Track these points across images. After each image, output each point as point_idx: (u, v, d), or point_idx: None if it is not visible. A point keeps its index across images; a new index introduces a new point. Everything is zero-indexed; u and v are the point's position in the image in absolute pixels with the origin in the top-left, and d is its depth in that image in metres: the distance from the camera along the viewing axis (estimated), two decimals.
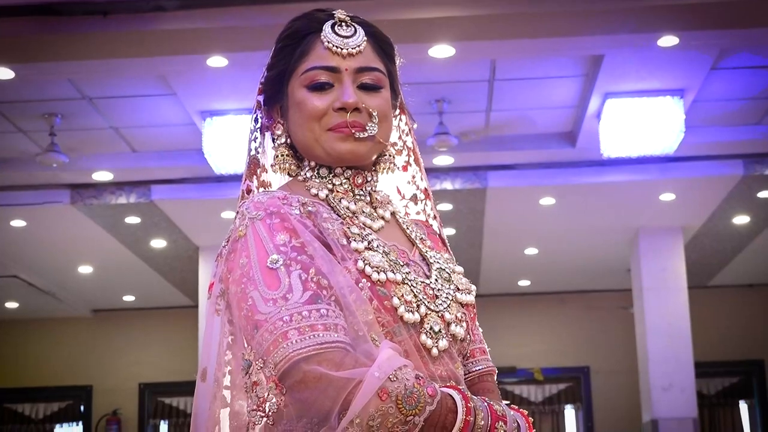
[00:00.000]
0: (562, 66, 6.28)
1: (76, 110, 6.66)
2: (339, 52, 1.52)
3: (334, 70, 1.51)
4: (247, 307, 1.36)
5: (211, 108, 6.61)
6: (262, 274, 1.36)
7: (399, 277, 1.45)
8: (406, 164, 1.71)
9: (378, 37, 1.58)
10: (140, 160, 7.52)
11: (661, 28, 5.42)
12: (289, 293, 1.34)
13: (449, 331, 1.49)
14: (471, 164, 7.63)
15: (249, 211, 1.44)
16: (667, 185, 7.90)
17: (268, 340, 1.32)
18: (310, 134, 1.52)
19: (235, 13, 5.22)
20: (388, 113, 1.56)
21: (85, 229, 8.60)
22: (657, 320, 8.83)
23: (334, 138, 1.51)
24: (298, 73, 1.53)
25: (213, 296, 1.47)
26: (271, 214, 1.42)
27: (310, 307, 1.33)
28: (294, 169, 1.58)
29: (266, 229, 1.41)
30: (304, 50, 1.53)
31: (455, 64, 5.90)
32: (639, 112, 6.51)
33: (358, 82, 1.53)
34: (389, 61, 1.59)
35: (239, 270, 1.39)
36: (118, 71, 5.90)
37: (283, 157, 1.57)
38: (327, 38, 1.52)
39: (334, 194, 1.54)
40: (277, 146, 1.58)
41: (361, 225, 1.51)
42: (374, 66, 1.54)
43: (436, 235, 1.70)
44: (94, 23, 5.22)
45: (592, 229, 9.09)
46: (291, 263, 1.37)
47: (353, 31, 1.54)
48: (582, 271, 10.72)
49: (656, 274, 8.92)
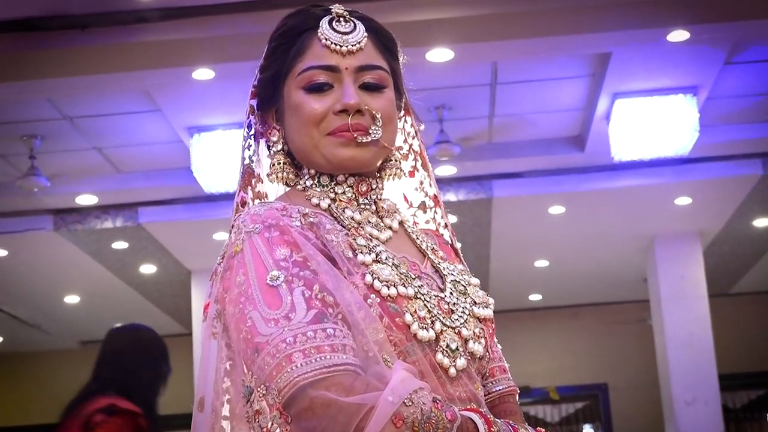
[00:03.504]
0: (567, 66, 6.28)
1: (57, 131, 6.65)
2: (338, 50, 1.50)
3: (333, 70, 1.49)
4: (246, 329, 1.33)
5: (199, 123, 6.59)
6: (261, 293, 1.34)
7: (411, 292, 1.43)
8: (413, 169, 1.69)
9: (379, 32, 1.56)
10: (126, 182, 7.51)
11: (670, 22, 5.41)
12: (291, 312, 1.31)
13: (467, 349, 1.46)
14: (475, 173, 7.63)
15: (245, 224, 1.42)
16: (683, 188, 7.89)
17: (271, 365, 1.30)
18: (308, 140, 1.50)
19: (221, 22, 5.22)
20: (393, 115, 1.54)
21: (69, 256, 8.59)
22: (677, 332, 8.83)
23: (335, 143, 1.49)
24: (294, 74, 1.51)
25: (209, 318, 1.44)
26: (270, 226, 1.40)
27: (315, 327, 1.30)
28: (292, 178, 1.56)
29: (264, 243, 1.38)
30: (300, 49, 1.51)
31: (454, 67, 5.90)
32: (650, 112, 6.50)
33: (360, 82, 1.50)
34: (392, 58, 1.57)
35: (236, 289, 1.37)
36: (99, 88, 5.90)
37: (280, 166, 1.54)
38: (324, 35, 1.50)
39: (336, 204, 1.52)
40: (273, 154, 1.56)
41: (367, 236, 1.49)
42: (376, 64, 1.52)
43: (447, 245, 1.68)
44: (72, 38, 5.21)
45: (605, 238, 9.09)
46: (293, 279, 1.34)
47: (352, 27, 1.52)
48: (596, 282, 10.72)
49: (674, 282, 8.92)
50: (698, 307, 8.83)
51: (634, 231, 8.88)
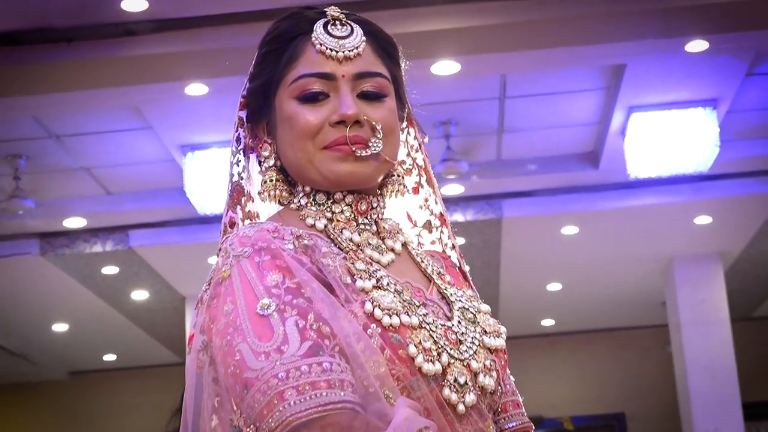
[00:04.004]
0: (580, 78, 6.28)
1: (42, 150, 6.65)
2: (334, 56, 1.47)
3: (328, 78, 1.47)
4: (234, 363, 1.30)
5: (192, 141, 6.59)
6: (251, 323, 1.31)
7: (415, 321, 1.39)
8: (417, 186, 1.66)
9: (379, 36, 1.53)
10: (116, 203, 7.52)
11: (688, 31, 5.42)
12: (284, 344, 1.28)
13: (477, 383, 1.43)
14: (483, 192, 7.64)
15: (233, 247, 1.39)
16: (702, 207, 7.90)
17: (261, 402, 1.26)
18: (302, 154, 1.47)
19: (214, 35, 5.22)
20: (395, 126, 1.51)
21: (57, 282, 8.58)
22: (698, 358, 8.83)
23: (332, 158, 1.46)
24: (287, 83, 1.48)
25: (194, 350, 1.40)
26: (260, 250, 1.37)
27: (310, 361, 1.27)
28: (285, 196, 1.53)
29: (254, 268, 1.35)
30: (293, 55, 1.48)
31: (461, 81, 5.90)
32: (668, 127, 6.51)
33: (358, 91, 1.48)
34: (393, 65, 1.54)
35: (224, 318, 1.34)
36: (87, 104, 5.90)
37: (272, 183, 1.51)
38: (319, 40, 1.48)
39: (333, 224, 1.49)
40: (265, 170, 1.53)
41: (367, 259, 1.45)
42: (376, 71, 1.49)
43: (455, 269, 1.65)
44: (57, 52, 5.22)
45: (621, 260, 9.10)
46: (285, 308, 1.31)
47: (349, 31, 1.49)
48: (611, 306, 10.73)
49: (694, 306, 8.92)
50: (720, 332, 8.84)
51: (651, 252, 8.89)
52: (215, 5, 5.12)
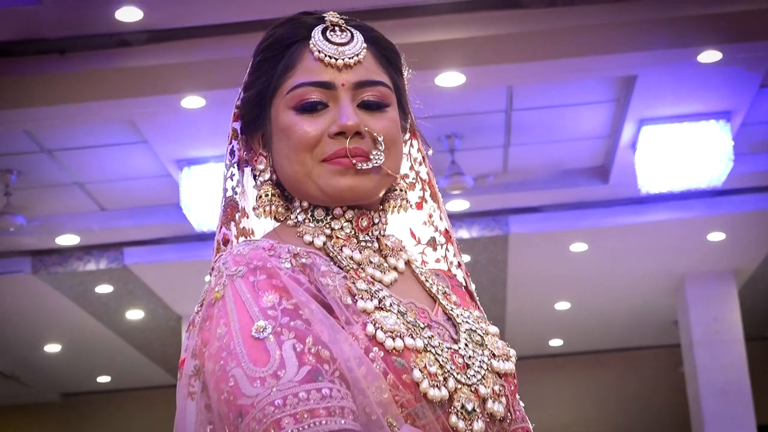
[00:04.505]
0: (589, 90, 6.30)
1: (34, 165, 6.67)
2: (333, 64, 1.44)
3: (327, 87, 1.44)
4: (228, 389, 1.27)
5: (189, 156, 6.61)
6: (245, 347, 1.28)
7: (420, 344, 1.36)
8: (421, 200, 1.63)
9: (380, 42, 1.50)
10: (110, 220, 7.54)
11: (701, 41, 5.44)
12: (281, 369, 1.25)
13: (485, 410, 1.40)
14: (489, 208, 7.67)
15: (227, 266, 1.37)
16: (716, 223, 7.92)
17: (257, 431, 1.23)
18: (300, 167, 1.44)
19: (212, 45, 5.23)
20: (397, 137, 1.48)
21: (50, 301, 8.60)
22: (711, 378, 8.84)
23: (331, 171, 1.43)
24: (283, 92, 1.45)
25: (185, 376, 1.37)
26: (255, 269, 1.35)
27: (308, 387, 1.24)
28: (282, 211, 1.49)
29: (249, 288, 1.33)
30: (290, 63, 1.45)
31: (466, 93, 5.93)
32: (680, 140, 6.53)
33: (359, 100, 1.45)
34: (395, 73, 1.51)
35: (217, 342, 1.31)
36: (80, 118, 5.92)
37: (268, 198, 1.48)
38: (317, 47, 1.45)
39: (333, 241, 1.46)
40: (260, 184, 1.50)
41: (368, 279, 1.43)
42: (377, 79, 1.46)
43: (461, 288, 1.62)
44: (50, 63, 5.23)
45: (632, 277, 9.11)
46: (282, 331, 1.28)
47: (349, 37, 1.47)
48: (622, 326, 10.74)
49: (707, 325, 8.94)
50: (734, 352, 8.84)
51: (663, 269, 8.91)
52: (213, 15, 5.12)
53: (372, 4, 4.87)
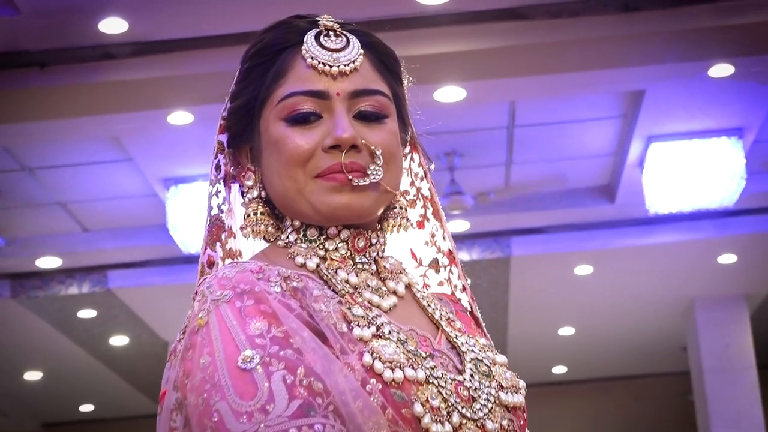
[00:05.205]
0: (594, 106, 6.32)
1: (14, 183, 6.67)
2: (327, 71, 1.42)
3: (321, 96, 1.41)
4: (211, 425, 1.23)
5: (176, 174, 6.62)
6: (231, 378, 1.25)
7: (421, 375, 1.33)
8: (423, 219, 1.60)
9: (378, 48, 1.48)
10: (93, 241, 7.55)
11: (712, 54, 5.45)
12: (269, 403, 1.22)
13: None
14: (491, 229, 7.68)
15: (211, 290, 1.33)
16: (727, 245, 7.93)
17: None
18: (291, 184, 1.41)
19: (200, 58, 5.24)
20: (397, 151, 1.45)
21: (30, 327, 8.60)
22: (722, 407, 8.85)
23: (325, 188, 1.41)
24: (273, 102, 1.43)
25: (166, 409, 1.33)
26: (242, 293, 1.31)
27: (299, 423, 1.21)
28: (272, 231, 1.47)
29: (236, 314, 1.29)
30: (280, 70, 1.43)
31: (467, 108, 5.92)
32: (690, 158, 6.54)
33: (355, 111, 1.42)
34: (395, 81, 1.49)
35: (200, 373, 1.27)
36: (62, 134, 5.93)
37: (257, 216, 1.46)
38: (310, 53, 1.42)
39: (327, 264, 1.44)
40: (248, 202, 1.47)
41: (365, 304, 1.39)
42: (375, 88, 1.44)
43: (466, 313, 1.59)
44: (30, 77, 5.24)
45: (639, 302, 9.13)
46: (271, 361, 1.25)
47: (345, 42, 1.44)
48: (628, 352, 10.75)
49: (718, 352, 8.95)
50: (746, 380, 8.87)
51: (671, 293, 8.93)
52: (202, 26, 5.15)
53: (368, 15, 4.87)
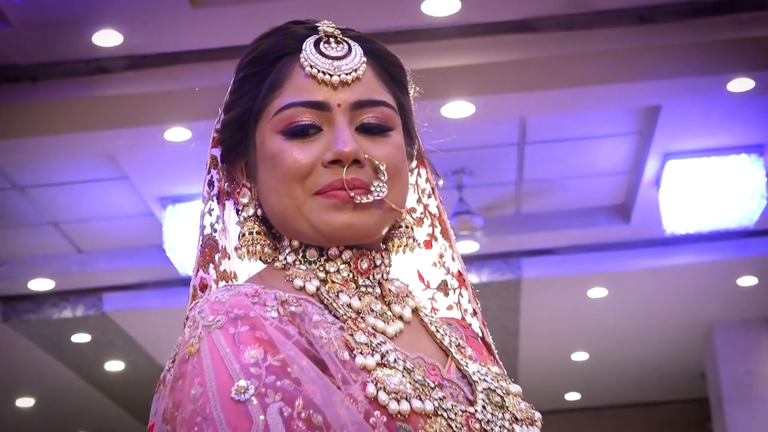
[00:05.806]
0: (609, 122, 6.33)
1: (5, 202, 6.68)
2: (327, 81, 1.39)
3: (321, 107, 1.39)
4: None
5: (173, 193, 6.64)
6: (223, 411, 1.22)
7: (429, 407, 1.30)
8: (430, 238, 1.58)
9: (382, 56, 1.47)
10: (87, 263, 7.55)
11: (730, 68, 5.45)
12: None
13: None
14: (501, 250, 7.68)
15: (203, 315, 1.32)
16: (747, 266, 7.93)
17: None
18: (289, 201, 1.39)
19: (198, 72, 5.25)
20: (402, 166, 1.43)
21: (22, 351, 8.60)
22: None
23: (326, 205, 1.38)
24: (270, 114, 1.40)
25: None
26: (236, 319, 1.29)
27: None
28: (268, 252, 1.44)
29: (229, 341, 1.27)
30: (277, 80, 1.41)
31: (476, 124, 5.92)
32: (708, 176, 6.55)
33: (357, 123, 1.40)
34: (400, 91, 1.47)
35: (190, 405, 1.24)
36: (54, 151, 5.93)
37: (252, 236, 1.43)
38: (309, 61, 1.40)
39: (328, 287, 1.41)
40: (243, 220, 1.45)
41: (369, 330, 1.37)
42: (379, 98, 1.41)
43: (477, 339, 1.57)
44: (21, 92, 5.25)
45: (655, 326, 9.13)
46: (267, 392, 1.22)
47: (346, 50, 1.42)
48: (644, 378, 10.73)
49: (738, 378, 8.93)
50: (767, 408, 8.82)
51: (689, 317, 8.92)
52: (199, 39, 5.15)
53: (372, 27, 4.84)
